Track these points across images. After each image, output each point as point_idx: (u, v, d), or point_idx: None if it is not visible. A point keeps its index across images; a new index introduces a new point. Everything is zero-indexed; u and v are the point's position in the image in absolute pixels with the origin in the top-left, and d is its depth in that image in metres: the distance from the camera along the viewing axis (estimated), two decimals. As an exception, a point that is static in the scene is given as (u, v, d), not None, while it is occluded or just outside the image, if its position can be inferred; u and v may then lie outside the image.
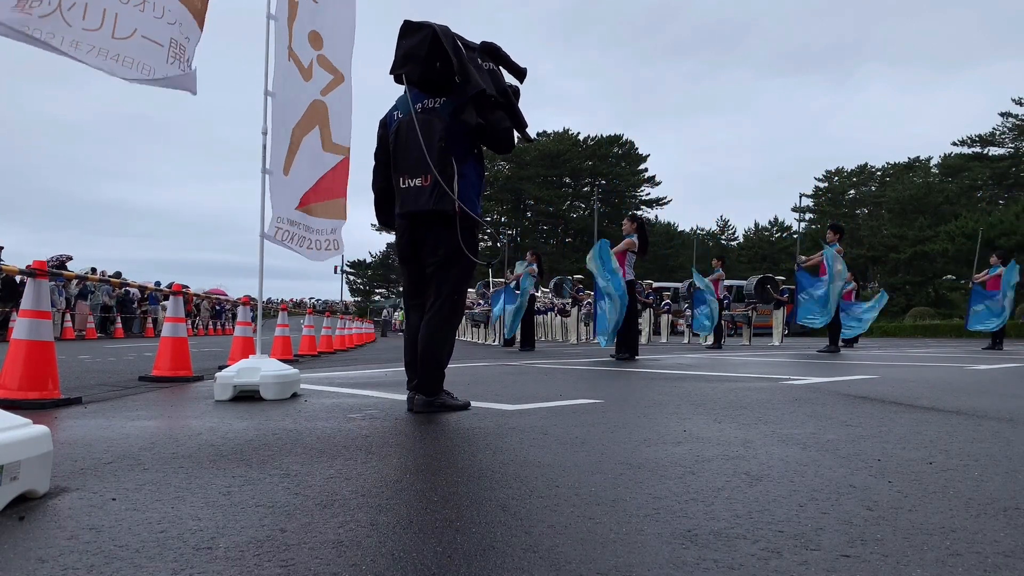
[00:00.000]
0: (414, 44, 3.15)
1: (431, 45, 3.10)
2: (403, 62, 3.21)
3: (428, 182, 3.15)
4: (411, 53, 3.16)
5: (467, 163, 3.28)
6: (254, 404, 3.75)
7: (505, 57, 3.34)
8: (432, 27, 3.13)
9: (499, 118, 3.25)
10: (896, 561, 1.22)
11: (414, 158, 3.19)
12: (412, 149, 3.19)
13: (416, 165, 3.19)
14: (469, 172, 3.29)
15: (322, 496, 1.70)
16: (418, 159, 3.17)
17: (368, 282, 65.30)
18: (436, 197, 3.15)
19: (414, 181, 3.21)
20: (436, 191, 3.14)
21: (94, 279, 6.37)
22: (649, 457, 2.17)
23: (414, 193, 3.22)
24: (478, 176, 3.36)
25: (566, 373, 6.06)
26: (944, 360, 8.27)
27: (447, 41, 3.09)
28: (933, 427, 2.78)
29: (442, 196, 3.14)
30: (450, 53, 3.08)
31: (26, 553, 1.28)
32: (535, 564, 1.21)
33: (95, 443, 2.47)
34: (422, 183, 3.18)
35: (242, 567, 1.21)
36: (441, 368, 3.33)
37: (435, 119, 3.17)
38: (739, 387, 4.51)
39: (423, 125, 3.15)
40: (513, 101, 3.32)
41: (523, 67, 3.40)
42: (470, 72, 3.11)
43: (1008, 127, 46.43)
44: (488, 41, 3.33)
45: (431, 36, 3.10)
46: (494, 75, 3.26)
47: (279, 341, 8.49)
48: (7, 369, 3.66)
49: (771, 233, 60.42)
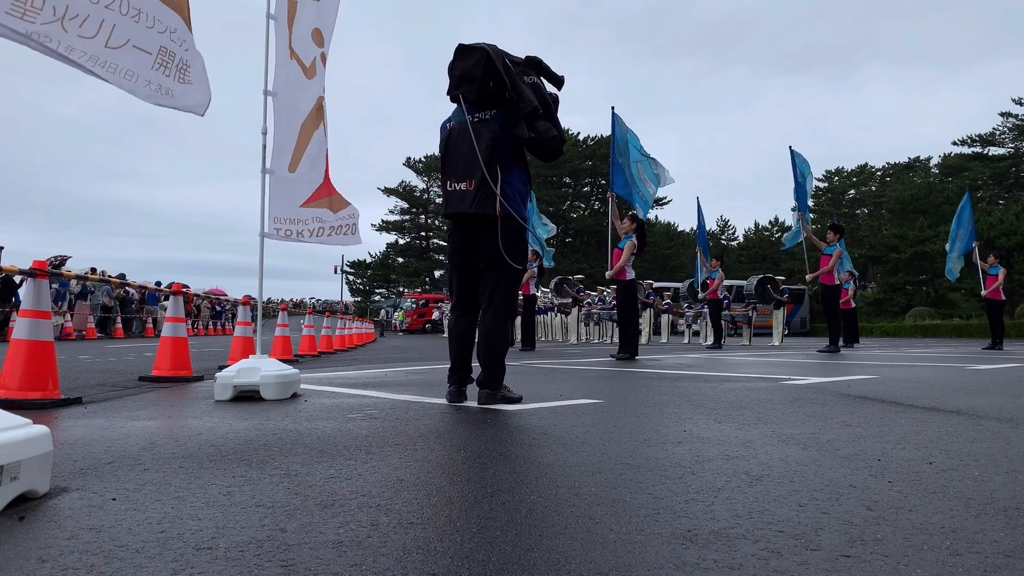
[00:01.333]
0: (469, 66, 3.41)
1: (486, 67, 3.35)
2: (459, 83, 3.47)
3: (472, 186, 3.37)
4: (467, 75, 3.42)
5: (512, 171, 3.50)
6: (254, 404, 3.75)
7: (546, 68, 3.62)
8: (485, 50, 3.38)
9: (546, 128, 3.51)
10: (896, 561, 1.22)
11: (462, 163, 3.42)
12: (460, 155, 3.42)
13: (463, 170, 3.41)
14: (514, 179, 3.51)
15: (322, 496, 1.70)
16: (465, 165, 3.40)
17: (368, 282, 65.25)
18: (479, 201, 3.36)
19: (460, 185, 3.42)
20: (479, 195, 3.35)
21: (94, 279, 6.37)
22: (649, 457, 2.17)
23: (459, 196, 3.42)
24: (523, 183, 3.58)
25: (566, 373, 6.06)
26: (944, 360, 8.27)
27: (499, 62, 3.36)
28: (933, 427, 2.78)
29: (484, 200, 3.35)
30: (503, 74, 3.35)
31: (26, 553, 1.28)
32: (536, 564, 1.21)
33: (95, 443, 2.47)
34: (467, 187, 3.39)
35: (242, 567, 1.21)
36: (502, 365, 3.57)
37: (484, 129, 3.40)
38: (739, 387, 4.51)
39: (475, 134, 3.38)
40: (554, 112, 3.59)
41: (561, 75, 3.66)
42: (523, 91, 3.40)
43: (1008, 127, 46.39)
44: (531, 55, 3.59)
45: (485, 59, 3.36)
46: (537, 88, 3.52)
47: (279, 341, 8.49)
48: (7, 369, 3.66)
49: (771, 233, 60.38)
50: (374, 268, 63.77)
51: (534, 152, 3.58)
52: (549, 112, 3.54)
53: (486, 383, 3.55)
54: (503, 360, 3.59)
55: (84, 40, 3.09)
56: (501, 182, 3.40)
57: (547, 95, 3.56)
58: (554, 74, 3.63)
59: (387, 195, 62.75)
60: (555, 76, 3.64)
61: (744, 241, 62.56)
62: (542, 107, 3.49)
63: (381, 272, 63.78)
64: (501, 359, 3.57)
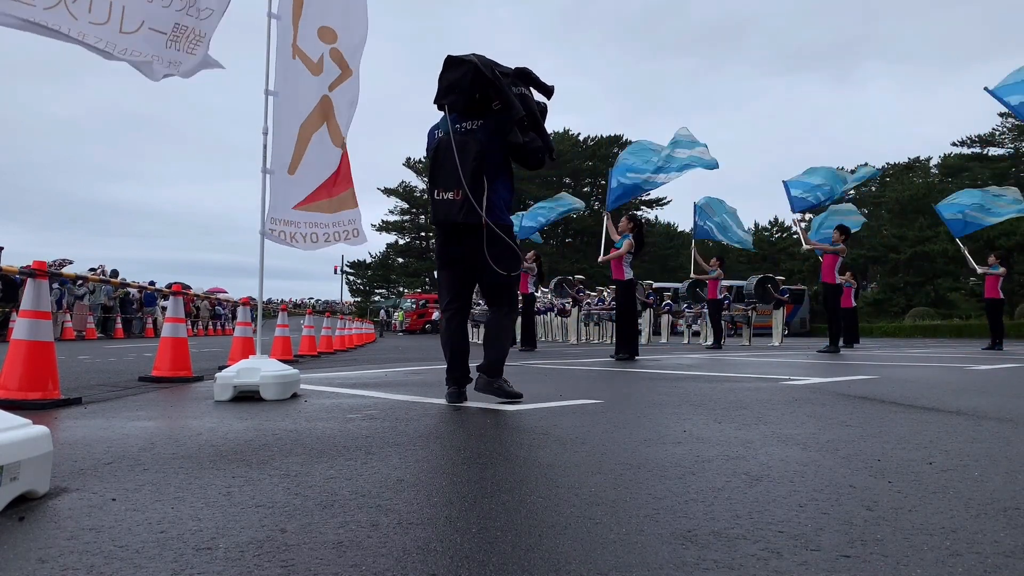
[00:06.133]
0: (457, 77, 3.52)
1: (473, 79, 3.46)
2: (446, 93, 3.57)
3: (459, 196, 3.47)
4: (454, 85, 3.53)
5: (499, 179, 3.62)
6: (254, 404, 3.75)
7: (535, 79, 3.70)
8: (473, 62, 3.47)
9: (532, 138, 3.61)
10: (896, 561, 1.22)
11: (449, 174, 3.51)
12: (448, 166, 3.51)
13: (450, 180, 3.50)
14: (500, 187, 3.63)
15: (322, 496, 1.70)
16: (453, 175, 3.49)
17: (368, 282, 65.23)
18: (466, 211, 3.46)
19: (447, 194, 3.52)
20: (466, 205, 3.45)
21: (94, 279, 6.37)
22: (649, 457, 2.17)
23: (447, 205, 3.52)
24: (508, 190, 3.71)
25: (566, 373, 6.06)
26: (944, 360, 8.27)
27: (488, 72, 3.45)
28: (933, 427, 2.78)
29: (471, 210, 3.46)
30: (492, 82, 3.44)
31: (26, 553, 1.28)
32: (536, 564, 1.21)
33: (95, 443, 2.47)
34: (454, 196, 3.49)
35: (242, 567, 1.20)
36: (504, 356, 3.72)
37: (471, 140, 3.50)
38: (739, 387, 4.51)
39: (459, 146, 3.48)
40: (540, 121, 3.67)
41: (550, 85, 3.74)
42: (513, 102, 3.48)
43: (1008, 127, 46.32)
44: (521, 67, 3.67)
45: (473, 70, 3.46)
46: (524, 99, 3.60)
47: (279, 341, 8.48)
48: (7, 369, 3.66)
49: (771, 233, 60.39)
50: (374, 268, 63.74)
51: (518, 160, 3.70)
52: (535, 122, 3.63)
53: (488, 370, 3.66)
54: (506, 349, 3.75)
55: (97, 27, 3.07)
56: (487, 191, 3.51)
57: (534, 106, 3.65)
58: (543, 84, 3.72)
59: (387, 195, 62.72)
60: (544, 86, 3.73)
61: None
62: (530, 118, 3.60)
63: (381, 272, 63.75)
64: (504, 348, 3.73)
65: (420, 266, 62.15)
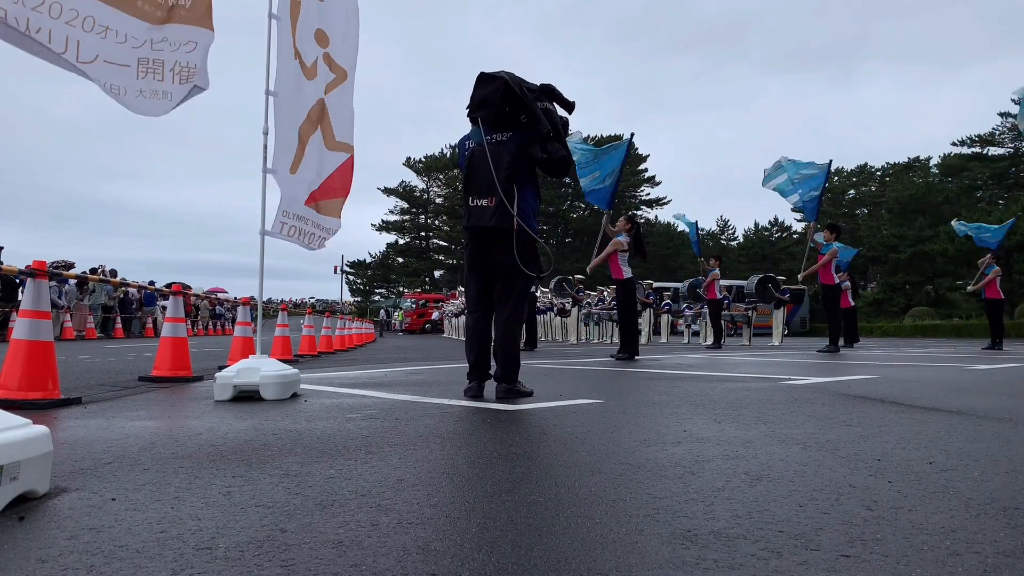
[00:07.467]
0: (488, 92, 3.75)
1: (503, 94, 3.69)
2: (478, 107, 3.81)
3: (493, 203, 3.71)
4: (486, 100, 3.76)
5: (526, 189, 3.84)
6: (254, 404, 3.75)
7: (559, 95, 3.95)
8: (504, 79, 3.70)
9: (556, 149, 3.88)
10: (896, 561, 1.22)
11: (484, 182, 3.75)
12: (482, 175, 3.76)
13: (485, 188, 3.74)
14: (528, 196, 3.85)
15: (322, 496, 1.70)
16: (487, 183, 3.72)
17: (368, 282, 65.25)
18: (498, 216, 3.70)
19: (482, 201, 3.76)
20: (499, 211, 3.69)
21: (94, 279, 6.37)
22: (649, 457, 2.17)
23: (480, 211, 3.76)
24: (535, 198, 3.94)
25: (566, 373, 6.06)
26: (944, 360, 8.27)
27: (517, 88, 3.69)
28: (933, 427, 2.78)
29: (503, 215, 3.69)
30: (520, 99, 3.68)
31: (26, 553, 1.28)
32: (536, 564, 1.21)
33: (95, 443, 2.47)
34: (488, 203, 3.73)
35: (242, 567, 1.20)
36: (517, 361, 3.92)
37: (503, 151, 3.74)
38: (739, 387, 4.51)
39: (494, 156, 3.72)
40: (563, 134, 3.92)
41: (572, 101, 4.00)
42: (540, 117, 3.72)
43: (1008, 127, 46.26)
44: (546, 83, 3.92)
45: (503, 86, 3.69)
46: (548, 113, 3.86)
47: (279, 341, 8.48)
48: (7, 369, 3.66)
49: (771, 233, 60.38)
50: (374, 268, 63.76)
51: (545, 171, 3.93)
52: (559, 135, 3.87)
53: (503, 378, 3.87)
54: (518, 357, 3.93)
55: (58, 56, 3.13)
56: (517, 199, 3.73)
57: (558, 120, 3.89)
58: (566, 100, 3.96)
59: (387, 195, 62.75)
60: (567, 101, 3.97)
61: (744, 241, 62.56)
62: (553, 131, 3.83)
63: (381, 272, 63.78)
64: (516, 355, 3.90)
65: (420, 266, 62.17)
